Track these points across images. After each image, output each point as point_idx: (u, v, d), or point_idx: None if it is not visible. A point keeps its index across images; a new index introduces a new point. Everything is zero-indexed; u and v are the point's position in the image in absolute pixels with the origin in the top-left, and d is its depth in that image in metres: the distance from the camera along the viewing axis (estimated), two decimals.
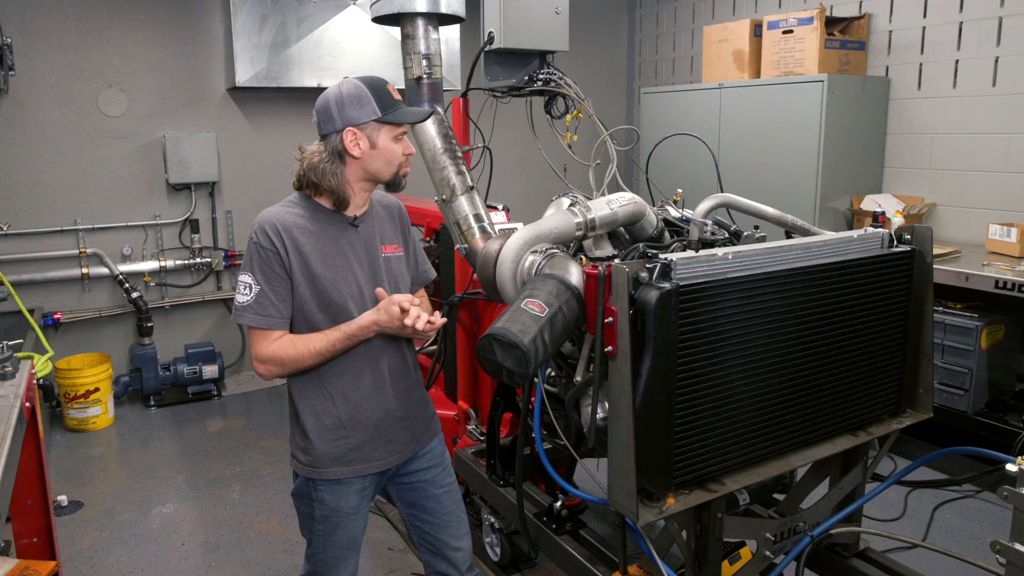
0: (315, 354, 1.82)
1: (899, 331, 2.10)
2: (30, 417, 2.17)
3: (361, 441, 1.91)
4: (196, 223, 4.99)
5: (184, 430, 4.43)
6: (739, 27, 4.66)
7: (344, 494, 1.92)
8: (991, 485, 3.46)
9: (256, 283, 1.79)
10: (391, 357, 1.95)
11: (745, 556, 2.15)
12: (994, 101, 3.97)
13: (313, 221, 1.85)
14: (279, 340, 1.82)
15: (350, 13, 4.78)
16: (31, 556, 2.30)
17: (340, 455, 1.90)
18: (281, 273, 1.80)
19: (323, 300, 1.83)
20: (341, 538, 1.95)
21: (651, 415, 1.65)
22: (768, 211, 2.23)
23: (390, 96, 1.84)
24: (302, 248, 1.81)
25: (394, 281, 1.96)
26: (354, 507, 1.95)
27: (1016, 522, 1.62)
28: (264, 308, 1.79)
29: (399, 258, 1.99)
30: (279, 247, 1.79)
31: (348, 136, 1.81)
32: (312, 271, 1.82)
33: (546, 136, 2.95)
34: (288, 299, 1.82)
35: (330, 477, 1.90)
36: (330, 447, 1.89)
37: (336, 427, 1.89)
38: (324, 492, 1.91)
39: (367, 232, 1.93)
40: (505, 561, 2.89)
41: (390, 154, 1.85)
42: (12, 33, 4.30)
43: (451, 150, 2.62)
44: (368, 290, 1.89)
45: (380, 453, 1.94)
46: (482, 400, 3.31)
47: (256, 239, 1.80)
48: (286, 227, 1.81)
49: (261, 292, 1.79)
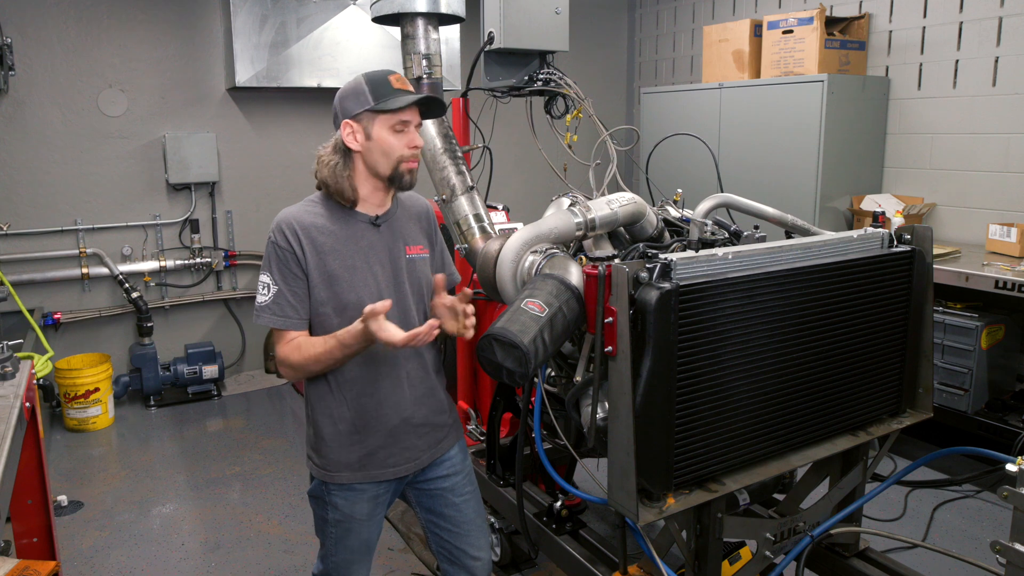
0: (314, 360, 1.76)
1: (899, 331, 2.10)
2: (30, 417, 2.17)
3: (375, 447, 1.86)
4: (196, 223, 4.98)
5: (184, 430, 4.43)
6: (739, 27, 4.66)
7: (358, 500, 1.89)
8: (991, 485, 3.46)
9: (274, 283, 1.77)
10: (411, 363, 1.89)
11: (745, 556, 2.15)
12: (994, 101, 3.97)
13: (333, 220, 1.81)
14: (291, 343, 1.78)
15: (350, 13, 4.78)
16: (31, 556, 2.30)
17: (353, 461, 1.86)
18: (299, 273, 1.77)
19: (340, 302, 1.79)
20: (353, 543, 1.92)
21: (651, 415, 1.65)
22: (768, 211, 2.23)
23: (387, 86, 1.76)
24: (321, 248, 1.78)
25: (417, 283, 1.90)
26: (367, 513, 1.91)
27: (1016, 522, 1.62)
28: (282, 309, 1.77)
29: (424, 260, 1.93)
30: (296, 247, 1.76)
31: (345, 129, 1.78)
32: (330, 271, 1.78)
33: (546, 136, 2.95)
34: (306, 299, 1.79)
35: (342, 482, 1.87)
36: (343, 453, 1.86)
37: (350, 432, 1.85)
38: (337, 497, 1.88)
39: (390, 232, 1.87)
40: (505, 561, 2.89)
41: (385, 145, 1.77)
42: (12, 33, 4.30)
43: (451, 150, 2.62)
44: (388, 292, 1.83)
45: (395, 460, 1.89)
46: (482, 400, 3.31)
47: (274, 239, 1.78)
48: (304, 226, 1.78)
49: (279, 292, 1.77)
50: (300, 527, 3.29)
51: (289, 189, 5.15)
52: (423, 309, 1.92)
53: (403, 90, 1.77)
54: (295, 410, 4.74)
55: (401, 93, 1.77)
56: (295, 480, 3.75)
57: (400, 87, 1.78)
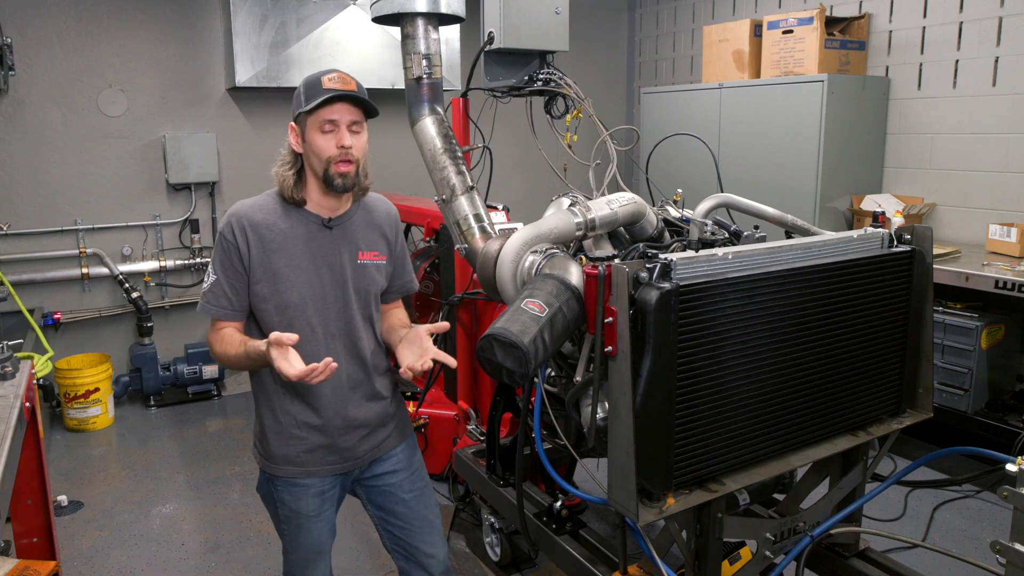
0: (226, 357, 1.78)
1: (899, 331, 2.10)
2: (30, 417, 2.17)
3: (314, 445, 1.88)
4: (196, 223, 4.98)
5: (184, 430, 4.43)
6: (739, 27, 4.66)
7: (302, 496, 1.90)
8: (991, 485, 3.46)
9: (214, 272, 1.81)
10: (352, 366, 1.89)
11: (745, 556, 2.15)
12: (994, 101, 3.97)
13: (286, 218, 1.82)
14: (218, 332, 1.82)
15: (350, 13, 4.78)
16: (31, 556, 2.30)
17: (292, 455, 1.88)
18: (239, 268, 1.79)
19: (282, 300, 1.80)
20: (306, 540, 1.93)
21: (651, 415, 1.65)
22: (768, 211, 2.23)
23: (318, 87, 1.73)
24: (268, 244, 1.79)
25: (364, 289, 1.89)
26: (315, 510, 1.92)
27: (1016, 522, 1.62)
28: (216, 298, 1.80)
29: (378, 266, 1.92)
30: (240, 242, 1.78)
31: (291, 132, 1.82)
32: (274, 268, 1.79)
33: (546, 136, 2.95)
34: (243, 293, 1.81)
35: (281, 474, 1.89)
36: (283, 447, 1.88)
37: (292, 426, 1.87)
38: (283, 492, 1.91)
39: (343, 235, 1.87)
40: (505, 561, 2.89)
41: (314, 146, 1.76)
42: (12, 33, 4.30)
43: (451, 150, 2.62)
44: (333, 295, 1.84)
45: (333, 458, 1.91)
46: (482, 400, 3.31)
47: (221, 231, 1.81)
48: (253, 223, 1.79)
49: (216, 282, 1.80)
50: None
51: None
52: (369, 315, 1.92)
53: (331, 89, 1.73)
54: None
55: (327, 93, 1.72)
56: None
57: (331, 87, 1.73)
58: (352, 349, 1.89)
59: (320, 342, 1.83)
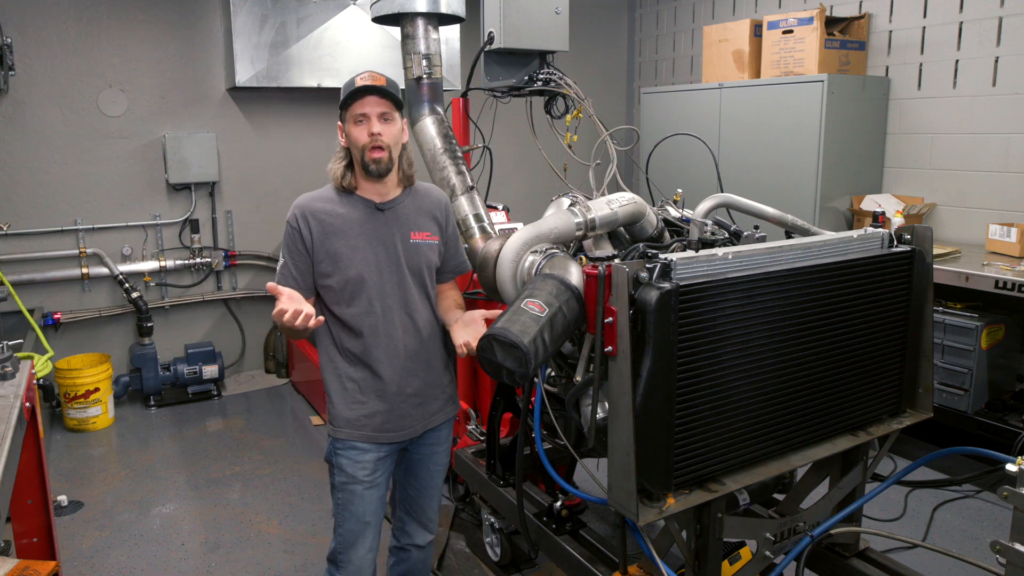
0: (293, 329, 1.86)
1: (899, 331, 2.10)
2: (30, 417, 2.17)
3: (374, 411, 2.04)
4: (196, 223, 4.99)
5: (184, 430, 4.43)
6: (739, 27, 4.66)
7: (359, 460, 2.05)
8: (991, 485, 3.46)
9: (283, 256, 2.03)
10: (408, 338, 2.06)
11: (745, 556, 2.15)
12: (994, 101, 3.97)
13: (342, 205, 2.02)
14: None
15: (350, 13, 4.78)
16: (31, 556, 2.30)
17: (354, 419, 2.04)
18: (303, 251, 1.99)
19: (342, 277, 1.99)
20: (357, 510, 2.06)
21: (651, 415, 1.66)
22: (768, 211, 2.23)
23: (351, 85, 1.95)
24: (328, 228, 1.99)
25: (418, 265, 2.07)
26: (368, 476, 2.06)
27: (1016, 522, 1.62)
28: (285, 279, 2.00)
29: (431, 245, 2.10)
30: (303, 228, 1.99)
31: (339, 131, 2.03)
32: (333, 248, 1.99)
33: (546, 136, 2.95)
34: (307, 272, 2.00)
35: (344, 437, 2.05)
36: (346, 410, 2.05)
37: (355, 391, 2.04)
38: (343, 457, 2.06)
39: (395, 218, 2.05)
40: (505, 561, 2.89)
41: (352, 137, 1.98)
42: (12, 33, 4.30)
43: (451, 150, 2.62)
44: (388, 270, 2.02)
45: (391, 425, 2.07)
46: (482, 400, 3.31)
47: (288, 220, 2.02)
48: (312, 211, 2.00)
49: (284, 264, 2.01)
50: (300, 527, 3.29)
51: (289, 189, 5.15)
52: (424, 291, 2.10)
53: (361, 86, 1.94)
54: (295, 410, 4.74)
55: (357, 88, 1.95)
56: (295, 480, 3.75)
57: (361, 83, 1.94)
58: (408, 321, 2.06)
59: (378, 315, 2.02)
